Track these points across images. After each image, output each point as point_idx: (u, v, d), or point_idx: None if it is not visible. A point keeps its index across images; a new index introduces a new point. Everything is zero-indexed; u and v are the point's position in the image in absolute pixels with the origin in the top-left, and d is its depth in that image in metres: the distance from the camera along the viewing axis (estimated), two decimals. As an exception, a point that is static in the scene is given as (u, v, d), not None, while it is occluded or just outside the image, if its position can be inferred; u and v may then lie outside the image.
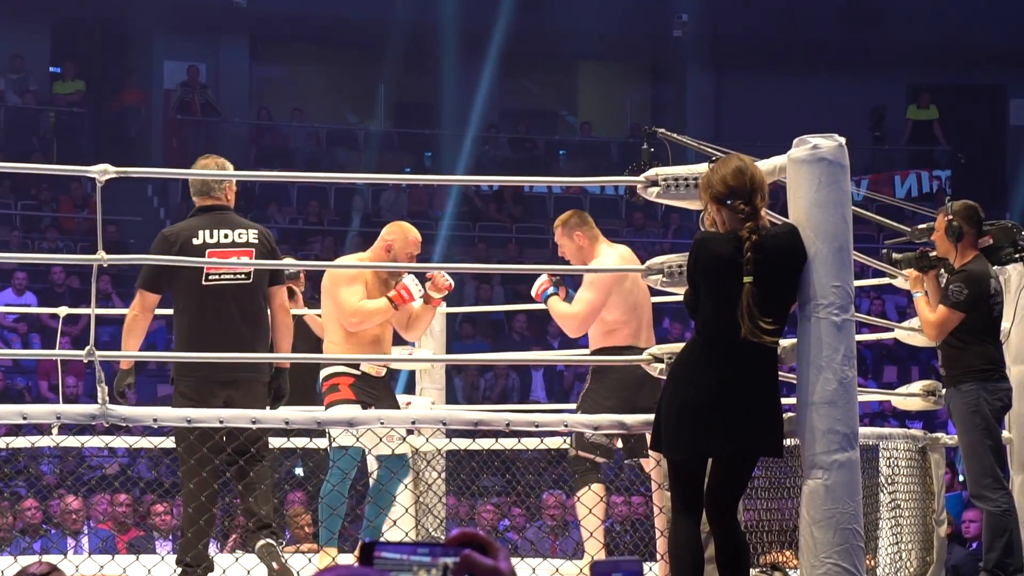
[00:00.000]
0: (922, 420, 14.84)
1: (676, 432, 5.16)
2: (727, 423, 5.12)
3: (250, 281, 6.31)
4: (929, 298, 6.88)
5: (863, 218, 7.02)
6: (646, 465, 6.80)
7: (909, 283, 6.95)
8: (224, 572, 5.85)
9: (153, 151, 20.78)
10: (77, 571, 5.51)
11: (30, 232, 18.35)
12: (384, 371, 6.79)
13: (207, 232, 6.33)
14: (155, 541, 10.18)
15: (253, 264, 6.26)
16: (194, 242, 6.31)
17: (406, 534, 6.76)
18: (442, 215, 19.95)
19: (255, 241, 6.38)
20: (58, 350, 9.01)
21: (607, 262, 6.90)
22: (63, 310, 8.56)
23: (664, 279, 5.57)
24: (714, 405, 5.12)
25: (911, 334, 7.31)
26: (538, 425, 5.55)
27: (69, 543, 9.75)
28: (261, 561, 6.12)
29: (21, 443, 7.69)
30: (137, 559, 5.84)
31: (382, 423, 5.58)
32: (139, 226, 19.07)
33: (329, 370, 6.78)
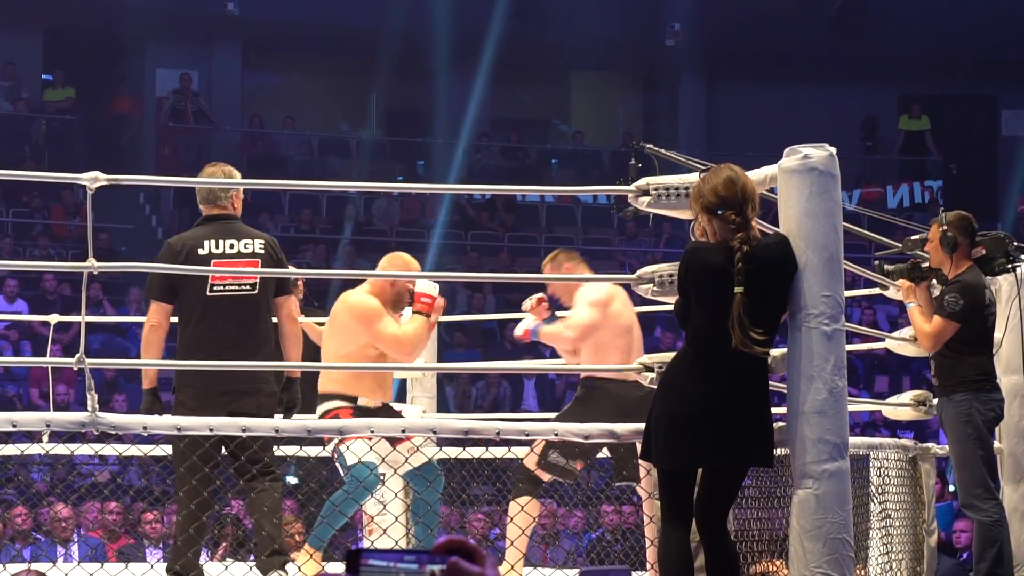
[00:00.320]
0: (913, 430, 14.86)
1: (666, 442, 5.16)
2: (717, 433, 5.11)
3: (255, 292, 6.25)
4: (922, 308, 6.88)
5: (856, 234, 7.02)
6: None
7: (901, 294, 6.96)
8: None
9: (145, 159, 20.77)
10: (66, 578, 5.49)
11: (21, 239, 18.33)
12: (380, 403, 6.74)
13: (212, 242, 6.27)
14: (145, 549, 10.17)
15: (258, 272, 6.21)
16: (199, 252, 6.25)
17: (396, 543, 6.76)
18: (434, 224, 19.96)
19: (261, 251, 6.32)
20: (48, 357, 8.99)
21: (595, 291, 7.03)
22: (54, 317, 8.53)
23: (655, 289, 5.57)
24: (704, 415, 5.12)
25: (902, 344, 7.31)
26: (528, 434, 5.54)
27: (59, 551, 9.74)
28: None
29: (11, 451, 7.66)
30: (126, 567, 5.82)
31: (372, 431, 5.57)
32: (131, 234, 19.08)
33: (326, 406, 6.72)
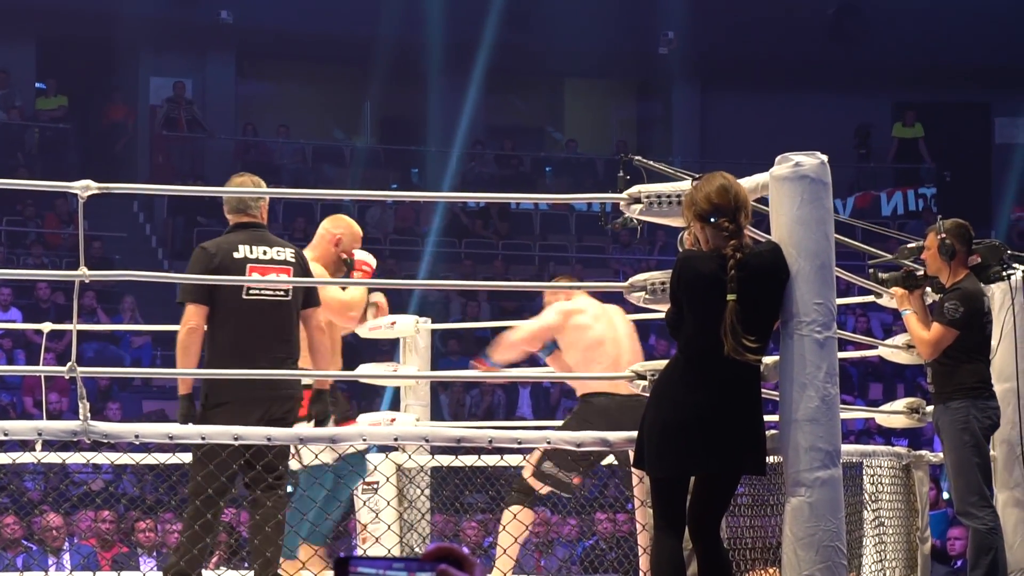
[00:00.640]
0: (908, 437, 14.86)
1: (658, 450, 5.16)
2: (710, 441, 5.11)
3: (288, 299, 6.27)
4: (918, 316, 6.88)
5: (847, 245, 7.02)
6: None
7: (895, 301, 6.96)
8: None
9: (139, 167, 20.77)
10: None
11: (15, 248, 18.33)
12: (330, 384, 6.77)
13: (247, 247, 6.28)
14: (139, 557, 10.16)
15: (288, 281, 6.21)
16: (234, 256, 6.25)
17: (388, 551, 6.76)
18: (428, 232, 19.96)
19: (292, 260, 6.36)
20: (41, 366, 8.97)
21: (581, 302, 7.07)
22: (47, 326, 8.51)
23: (647, 296, 5.57)
24: (696, 423, 5.12)
25: (895, 351, 7.31)
26: (521, 442, 5.54)
27: (50, 560, 9.72)
28: None
29: (2, 459, 7.64)
30: (119, 575, 5.81)
31: (364, 439, 5.56)
32: (124, 242, 19.06)
33: None
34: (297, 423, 6.27)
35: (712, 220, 5.16)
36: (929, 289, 7.03)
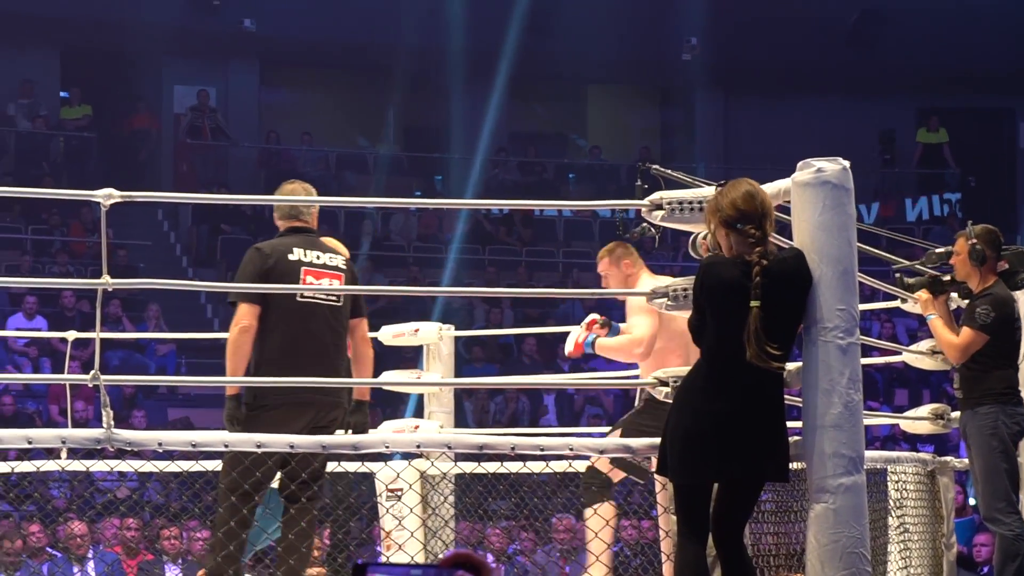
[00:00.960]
0: (933, 444, 14.81)
1: (681, 457, 5.15)
2: (732, 448, 5.10)
3: (340, 304, 6.26)
4: (944, 321, 6.86)
5: (869, 254, 7.00)
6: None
7: (920, 306, 6.92)
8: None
9: (163, 175, 20.83)
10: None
11: (40, 256, 18.39)
12: None
13: (302, 251, 6.27)
14: (164, 565, 10.18)
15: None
16: (290, 258, 6.24)
17: (411, 558, 6.75)
18: (452, 238, 19.97)
19: (344, 267, 6.36)
20: (66, 374, 8.99)
21: (648, 287, 6.84)
22: (71, 334, 8.55)
23: (669, 303, 5.56)
24: (719, 430, 5.10)
25: (919, 357, 7.28)
26: (543, 449, 5.53)
27: (75, 568, 9.74)
28: None
29: (27, 467, 7.67)
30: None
31: (387, 446, 5.57)
32: (149, 250, 19.12)
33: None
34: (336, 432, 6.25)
35: (738, 226, 5.14)
36: (955, 295, 7.01)
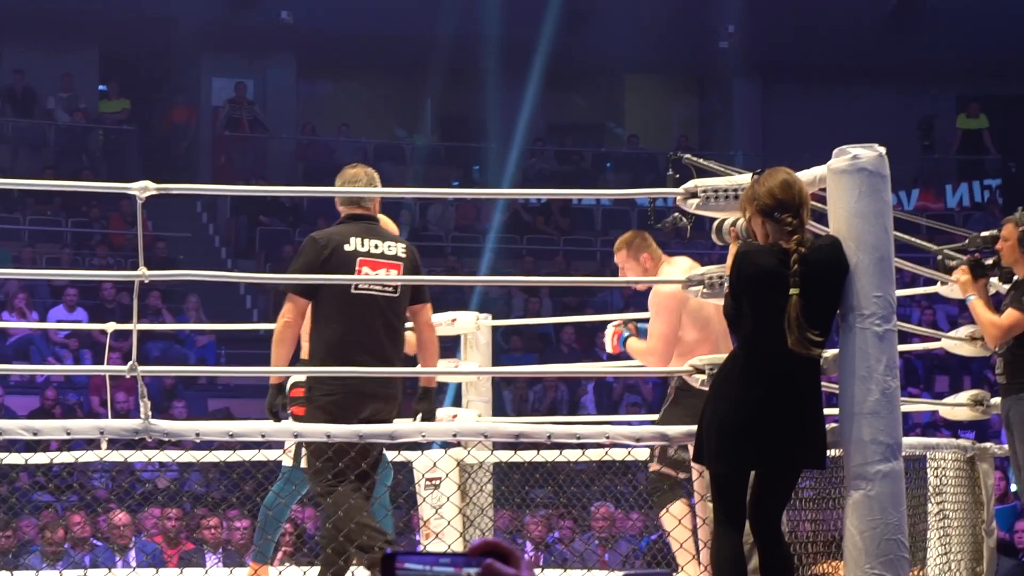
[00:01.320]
0: (975, 430, 14.74)
1: (719, 445, 5.15)
2: (770, 436, 5.09)
3: (397, 295, 6.19)
4: (984, 303, 6.82)
5: (906, 241, 6.96)
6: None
7: (959, 287, 6.86)
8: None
9: (201, 168, 20.91)
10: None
11: (80, 248, 18.49)
12: None
13: (358, 240, 6.19)
14: (204, 554, 10.22)
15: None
16: (346, 248, 6.16)
17: (449, 547, 6.76)
18: (489, 228, 19.97)
19: (403, 255, 6.28)
20: (104, 366, 9.03)
21: (667, 284, 6.78)
22: (111, 326, 8.57)
23: (704, 291, 5.55)
24: (757, 418, 5.10)
25: (958, 343, 7.24)
26: (579, 437, 5.53)
27: (117, 559, 9.80)
28: None
29: (66, 458, 7.71)
30: (181, 573, 5.85)
31: (423, 436, 5.57)
32: (188, 243, 19.20)
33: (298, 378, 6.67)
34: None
35: (775, 215, 5.13)
36: (994, 280, 6.97)
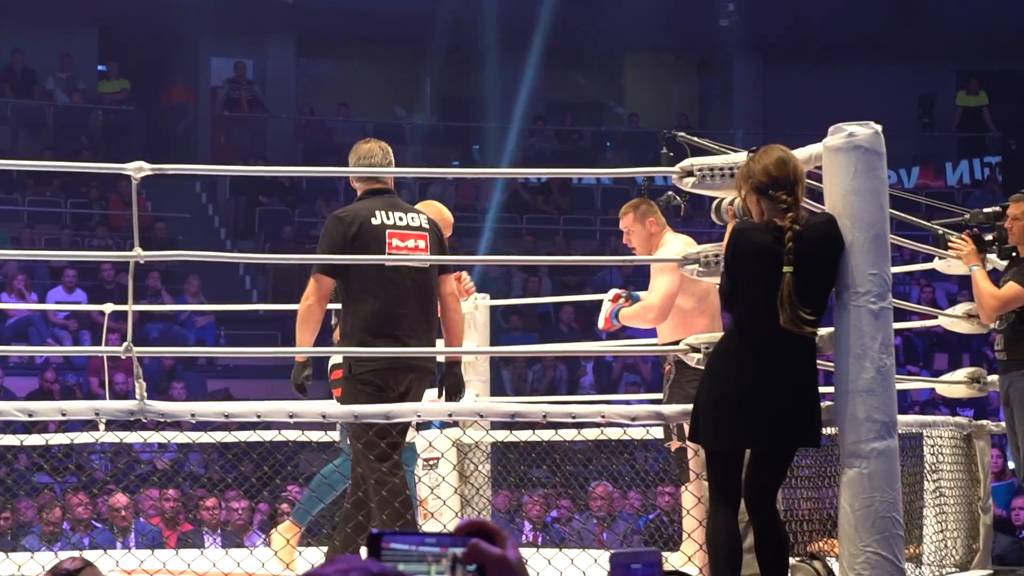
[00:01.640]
0: (973, 408, 14.75)
1: (714, 424, 5.15)
2: (764, 415, 5.09)
3: (427, 266, 6.17)
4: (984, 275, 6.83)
5: (904, 220, 6.95)
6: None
7: (964, 257, 6.84)
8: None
9: (200, 148, 20.88)
10: (117, 566, 5.52)
11: (80, 229, 18.48)
12: None
13: (383, 213, 6.15)
14: (203, 535, 10.24)
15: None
16: (372, 222, 6.11)
17: (444, 527, 6.76)
18: (489, 208, 19.96)
19: (427, 226, 6.25)
20: (101, 346, 9.03)
21: (674, 249, 6.74)
22: (108, 307, 8.59)
23: (700, 269, 5.55)
24: (752, 397, 5.10)
25: (955, 321, 7.25)
26: (575, 416, 5.53)
27: (117, 543, 9.80)
28: None
29: (61, 439, 7.71)
30: (176, 554, 5.85)
31: (419, 416, 5.57)
32: (187, 223, 19.18)
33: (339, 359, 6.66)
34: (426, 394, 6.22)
35: (770, 193, 5.13)
36: (992, 256, 6.97)
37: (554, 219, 20.34)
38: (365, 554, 2.05)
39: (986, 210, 7.06)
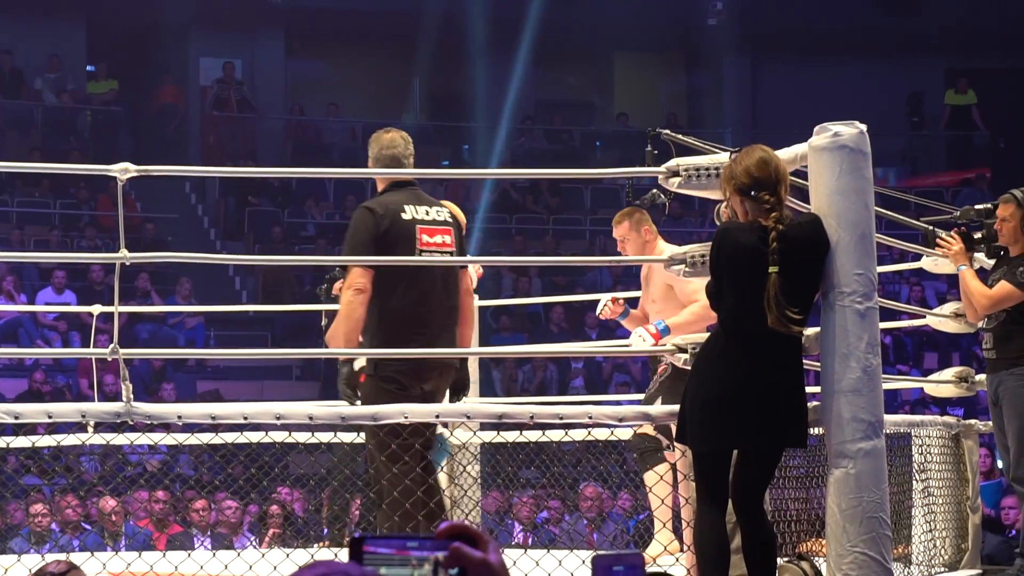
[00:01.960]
0: (963, 407, 14.76)
1: (701, 424, 5.15)
2: (751, 415, 5.10)
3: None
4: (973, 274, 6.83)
5: (892, 219, 6.96)
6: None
7: (952, 256, 6.84)
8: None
9: (190, 148, 20.85)
10: (104, 569, 5.51)
11: (69, 230, 18.45)
12: None
13: (412, 207, 6.06)
14: (193, 537, 10.22)
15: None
16: (403, 217, 6.02)
17: (432, 528, 6.75)
18: (478, 208, 19.95)
19: (451, 219, 6.19)
20: (88, 348, 9.01)
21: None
22: (96, 308, 8.56)
23: (687, 269, 5.55)
24: (738, 397, 5.10)
25: (942, 320, 7.26)
26: (562, 417, 5.53)
27: (107, 547, 9.79)
28: None
29: (47, 442, 7.69)
30: (164, 556, 5.84)
31: (406, 417, 5.56)
32: (176, 224, 19.17)
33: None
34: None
35: (752, 193, 5.14)
36: (980, 255, 6.98)
37: (543, 219, 20.33)
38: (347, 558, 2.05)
39: (977, 207, 7.06)
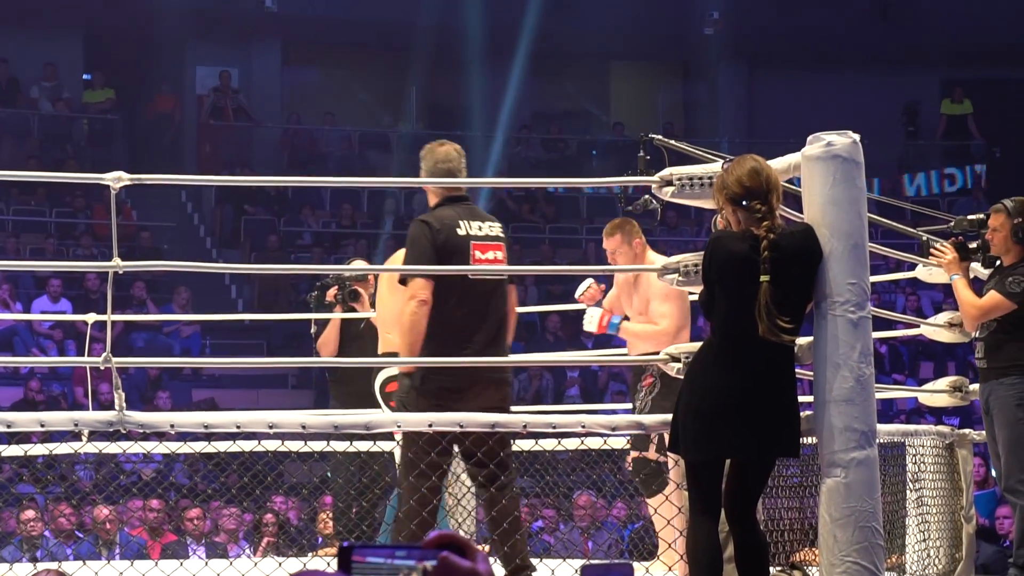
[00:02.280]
0: (959, 417, 14.77)
1: (694, 434, 5.15)
2: (744, 425, 5.10)
3: (504, 277, 6.10)
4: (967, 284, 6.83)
5: (888, 227, 6.97)
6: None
7: (944, 266, 6.85)
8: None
9: (186, 157, 20.85)
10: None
11: (65, 239, 18.44)
12: None
13: (467, 223, 6.05)
14: (188, 546, 10.21)
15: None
16: (458, 232, 6.02)
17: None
18: (475, 217, 19.93)
19: (502, 235, 6.18)
20: (82, 357, 9.02)
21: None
22: (91, 317, 8.60)
23: (680, 278, 5.56)
24: (731, 407, 5.11)
25: (937, 330, 7.26)
26: (555, 426, 5.53)
27: (102, 556, 9.78)
28: None
29: (40, 450, 7.69)
30: (156, 565, 5.84)
31: (399, 426, 5.57)
32: (173, 232, 19.17)
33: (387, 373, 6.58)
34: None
35: (744, 203, 5.15)
36: (976, 265, 6.98)
37: (540, 228, 20.34)
38: (335, 567, 2.05)
39: (970, 217, 7.07)
